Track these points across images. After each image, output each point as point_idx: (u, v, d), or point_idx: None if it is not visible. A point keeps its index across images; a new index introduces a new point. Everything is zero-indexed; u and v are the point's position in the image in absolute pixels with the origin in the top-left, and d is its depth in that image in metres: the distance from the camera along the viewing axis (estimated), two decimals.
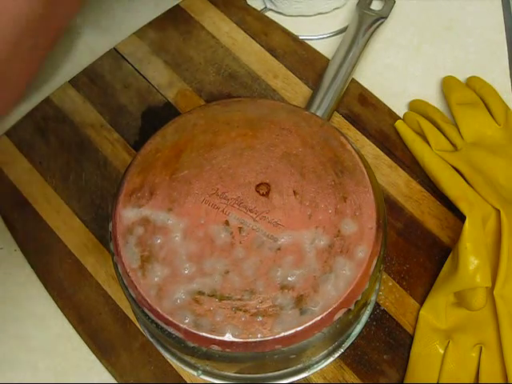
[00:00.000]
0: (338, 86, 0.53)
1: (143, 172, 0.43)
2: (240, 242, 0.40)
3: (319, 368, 0.44)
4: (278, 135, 0.44)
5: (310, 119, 0.46)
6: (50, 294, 0.49)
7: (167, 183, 0.42)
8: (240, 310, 0.38)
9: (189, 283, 0.39)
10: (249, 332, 0.37)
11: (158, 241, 0.40)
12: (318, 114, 0.50)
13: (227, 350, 0.38)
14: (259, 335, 0.37)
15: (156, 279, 0.39)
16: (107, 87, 0.57)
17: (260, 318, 0.38)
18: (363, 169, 0.43)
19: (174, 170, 0.43)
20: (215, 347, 0.38)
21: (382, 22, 0.58)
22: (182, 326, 0.38)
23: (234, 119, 0.45)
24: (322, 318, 0.38)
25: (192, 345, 0.38)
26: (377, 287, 0.46)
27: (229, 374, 0.43)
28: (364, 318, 0.46)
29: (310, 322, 0.37)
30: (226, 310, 0.38)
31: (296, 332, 0.37)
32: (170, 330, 0.38)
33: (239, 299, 0.38)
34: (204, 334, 0.37)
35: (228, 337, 0.37)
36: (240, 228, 0.41)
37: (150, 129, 0.54)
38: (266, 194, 0.42)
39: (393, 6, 0.59)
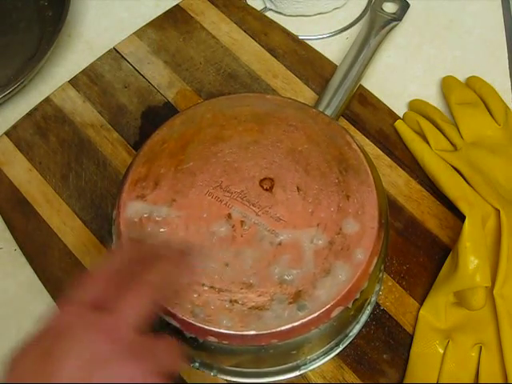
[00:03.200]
0: (347, 86, 0.53)
1: (149, 162, 0.43)
2: (241, 236, 0.40)
3: (317, 365, 0.44)
4: (284, 131, 0.44)
5: (317, 117, 0.46)
6: (49, 293, 0.49)
7: (172, 174, 0.43)
8: (238, 302, 0.38)
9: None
10: (245, 325, 0.37)
11: (161, 231, 0.40)
12: (326, 113, 0.50)
13: (223, 341, 0.38)
14: (255, 328, 0.37)
15: None
16: (107, 87, 0.57)
17: (257, 312, 0.38)
18: (368, 168, 0.43)
19: (180, 162, 0.43)
20: (211, 338, 0.38)
21: (395, 25, 0.57)
22: (179, 315, 0.38)
23: (242, 114, 0.45)
24: (318, 314, 0.38)
25: (189, 335, 0.38)
26: (377, 288, 0.46)
27: (225, 367, 0.43)
28: (364, 318, 0.46)
29: (307, 318, 0.38)
30: (224, 302, 0.38)
31: (292, 327, 0.37)
32: (168, 319, 0.38)
33: (237, 292, 0.38)
34: (201, 325, 0.38)
35: (224, 328, 0.37)
36: (242, 222, 0.41)
37: (150, 129, 0.54)
38: (270, 189, 0.42)
39: (407, 10, 0.58)
